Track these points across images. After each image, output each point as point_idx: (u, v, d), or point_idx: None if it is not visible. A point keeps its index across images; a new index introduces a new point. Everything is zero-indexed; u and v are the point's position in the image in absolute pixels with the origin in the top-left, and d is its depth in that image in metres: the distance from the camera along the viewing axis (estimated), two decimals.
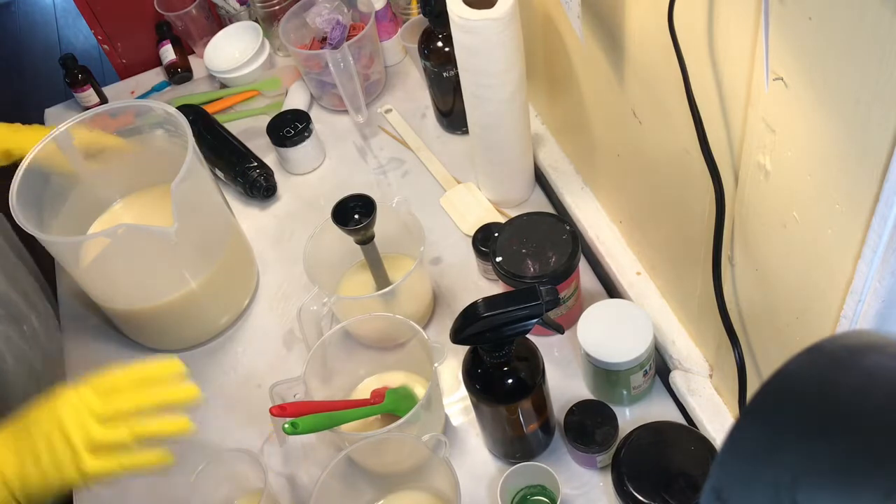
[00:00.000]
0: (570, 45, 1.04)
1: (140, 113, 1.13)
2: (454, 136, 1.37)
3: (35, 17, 3.44)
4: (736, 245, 0.78)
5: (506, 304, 0.81)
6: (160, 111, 1.10)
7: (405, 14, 1.45)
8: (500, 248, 1.02)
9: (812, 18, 0.53)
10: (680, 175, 0.85)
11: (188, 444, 1.09)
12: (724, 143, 0.73)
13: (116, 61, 1.66)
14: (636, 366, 0.94)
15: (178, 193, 0.99)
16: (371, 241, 1.05)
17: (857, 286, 0.61)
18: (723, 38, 0.66)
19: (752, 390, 0.66)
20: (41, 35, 3.34)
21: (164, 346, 1.19)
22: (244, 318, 1.21)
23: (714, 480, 0.38)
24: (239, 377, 1.15)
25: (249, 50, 1.50)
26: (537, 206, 1.24)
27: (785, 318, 0.74)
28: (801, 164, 0.62)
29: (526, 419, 0.93)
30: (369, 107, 1.43)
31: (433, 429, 0.98)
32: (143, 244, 1.01)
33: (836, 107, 0.55)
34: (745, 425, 0.39)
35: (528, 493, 0.95)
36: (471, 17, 0.99)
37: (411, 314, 1.08)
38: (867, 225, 0.56)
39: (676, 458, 0.87)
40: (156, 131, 1.14)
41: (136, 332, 1.19)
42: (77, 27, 3.27)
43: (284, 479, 1.04)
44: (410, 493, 0.98)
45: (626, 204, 1.08)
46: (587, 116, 1.08)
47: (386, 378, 1.07)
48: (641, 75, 0.86)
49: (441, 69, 1.26)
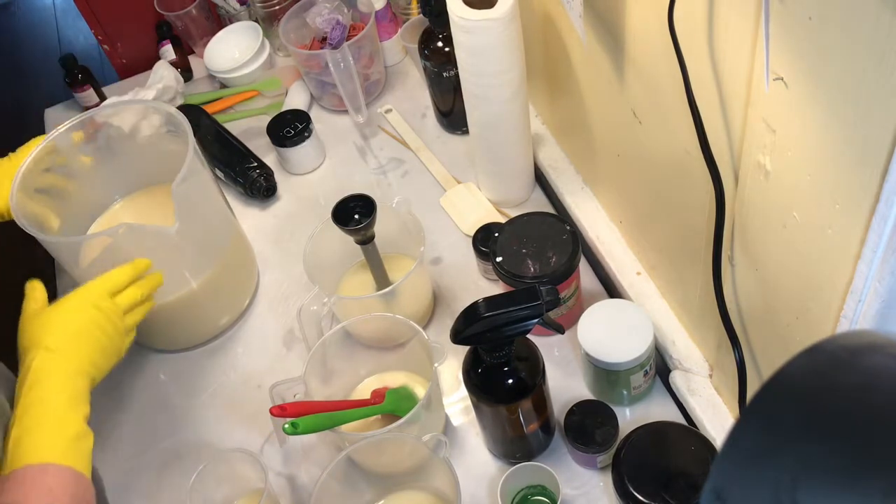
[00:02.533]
0: (571, 45, 1.04)
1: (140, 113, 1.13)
2: (454, 136, 1.37)
3: (35, 17, 3.44)
4: (736, 245, 0.78)
5: (506, 304, 0.81)
6: (161, 111, 1.10)
7: (405, 14, 1.45)
8: (501, 248, 1.02)
9: (812, 18, 0.53)
10: (680, 175, 0.85)
11: (188, 444, 1.09)
12: (724, 143, 0.73)
13: (116, 61, 1.66)
14: (636, 366, 0.94)
15: (179, 193, 0.99)
16: (371, 241, 1.05)
17: (857, 286, 0.61)
18: (723, 39, 0.66)
19: (752, 390, 0.66)
20: (41, 35, 3.34)
21: (165, 346, 1.19)
22: (244, 318, 1.21)
23: (714, 480, 0.38)
24: (239, 377, 1.15)
25: (249, 50, 1.50)
26: (537, 206, 1.24)
27: (785, 318, 0.74)
28: (801, 164, 0.62)
29: (526, 419, 0.93)
30: (369, 107, 1.43)
31: (433, 429, 0.98)
32: (143, 244, 1.01)
33: (836, 107, 0.55)
34: (745, 425, 0.39)
35: (528, 493, 0.95)
36: (471, 17, 0.99)
37: (411, 314, 1.08)
38: (867, 225, 0.56)
39: (676, 458, 0.87)
40: (157, 131, 1.14)
41: (137, 333, 1.19)
42: (77, 27, 3.26)
43: (284, 479, 1.04)
44: (410, 493, 0.98)
45: (626, 204, 1.08)
46: (587, 116, 1.08)
47: (386, 378, 1.07)
48: (642, 75, 0.86)
49: (441, 69, 1.26)
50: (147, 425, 1.13)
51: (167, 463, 1.08)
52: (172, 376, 1.17)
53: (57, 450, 0.76)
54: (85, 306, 0.88)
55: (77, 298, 0.89)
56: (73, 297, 0.89)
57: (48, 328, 0.85)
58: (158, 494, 1.06)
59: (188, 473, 0.94)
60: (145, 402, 1.15)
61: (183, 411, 1.13)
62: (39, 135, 1.09)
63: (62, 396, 0.80)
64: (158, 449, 1.10)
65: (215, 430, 1.10)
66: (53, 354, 0.83)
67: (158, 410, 1.14)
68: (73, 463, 0.77)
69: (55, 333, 0.85)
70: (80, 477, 0.77)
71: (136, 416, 1.14)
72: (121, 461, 1.09)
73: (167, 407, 1.14)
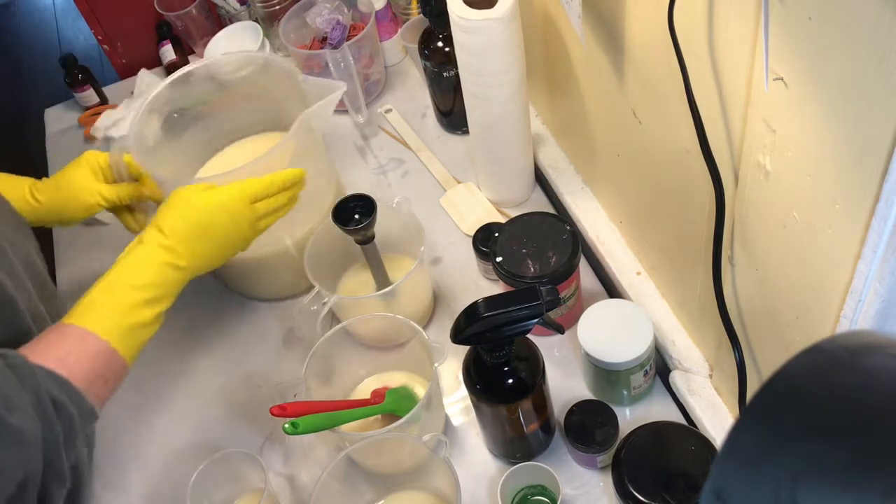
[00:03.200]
0: (571, 45, 1.04)
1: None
2: (454, 136, 1.37)
3: (35, 17, 3.44)
4: (736, 245, 0.78)
5: (506, 304, 0.81)
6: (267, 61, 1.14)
7: (405, 14, 1.45)
8: (501, 248, 1.02)
9: (812, 18, 0.53)
10: (680, 175, 0.85)
11: (188, 444, 1.09)
12: (724, 143, 0.73)
13: (116, 61, 1.66)
14: (636, 366, 0.94)
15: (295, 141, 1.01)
16: (371, 241, 1.05)
17: (857, 286, 0.61)
18: (723, 38, 0.66)
19: (752, 390, 0.66)
20: (41, 35, 3.34)
21: (255, 295, 1.22)
22: (245, 318, 1.21)
23: (714, 480, 0.38)
24: (239, 377, 1.15)
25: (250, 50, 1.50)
26: (537, 206, 1.24)
27: (785, 318, 0.74)
28: (801, 164, 0.62)
29: (526, 419, 0.93)
30: (369, 107, 1.43)
31: (433, 429, 0.98)
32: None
33: (836, 107, 0.55)
34: (745, 425, 0.39)
35: (528, 493, 0.95)
36: (471, 17, 0.99)
37: (411, 314, 1.08)
38: (867, 225, 0.56)
39: (676, 458, 0.87)
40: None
41: (229, 279, 1.23)
42: (77, 27, 3.27)
43: (284, 479, 1.04)
44: (410, 493, 0.98)
45: (626, 204, 1.08)
46: (587, 116, 1.08)
47: (386, 378, 1.07)
48: (641, 75, 0.86)
49: (441, 69, 1.26)
50: (147, 425, 1.13)
51: (167, 463, 1.08)
52: (172, 376, 1.17)
53: (107, 326, 0.80)
54: (219, 210, 0.89)
55: (218, 197, 0.90)
56: (217, 194, 0.90)
57: (175, 211, 0.88)
58: (159, 494, 1.06)
59: (188, 473, 0.94)
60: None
61: (183, 411, 1.13)
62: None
63: (143, 281, 0.83)
64: (158, 449, 1.10)
65: (215, 429, 1.10)
66: (161, 238, 0.86)
67: (158, 411, 1.14)
68: (116, 343, 0.79)
69: (177, 219, 0.87)
70: (114, 356, 0.79)
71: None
72: (121, 461, 1.10)
73: (167, 407, 1.14)
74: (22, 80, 3.16)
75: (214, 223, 0.89)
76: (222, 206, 0.90)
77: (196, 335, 1.20)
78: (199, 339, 1.20)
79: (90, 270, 1.31)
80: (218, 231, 0.89)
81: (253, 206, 0.92)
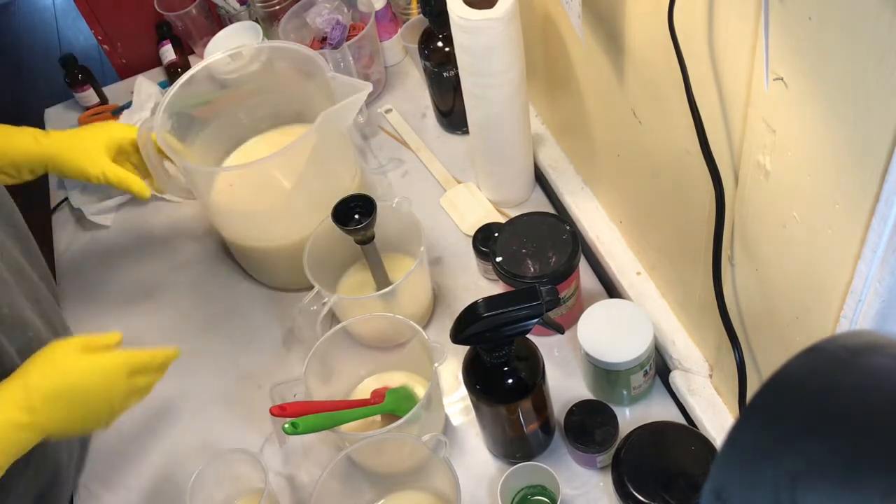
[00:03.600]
0: (570, 45, 1.04)
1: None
2: (454, 136, 1.37)
3: (35, 17, 3.44)
4: (736, 245, 0.78)
5: (506, 304, 0.81)
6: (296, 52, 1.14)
7: (405, 14, 1.45)
8: (500, 248, 1.02)
9: (812, 18, 0.53)
10: (680, 175, 0.85)
11: (188, 444, 1.09)
12: (724, 143, 0.73)
13: (116, 61, 1.66)
14: (636, 366, 0.94)
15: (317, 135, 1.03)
16: (371, 241, 1.05)
17: (857, 286, 0.61)
18: (723, 38, 0.66)
19: (752, 390, 0.66)
20: (41, 35, 3.34)
21: (275, 284, 1.23)
22: (245, 318, 1.21)
23: (714, 480, 0.38)
24: (239, 377, 1.15)
25: None
26: (537, 206, 1.24)
27: (785, 318, 0.74)
28: (801, 164, 0.62)
29: (526, 419, 0.93)
30: (369, 107, 1.43)
31: (433, 429, 0.98)
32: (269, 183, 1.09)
33: (836, 107, 0.55)
34: (745, 425, 0.39)
35: (528, 493, 0.95)
36: (471, 17, 0.99)
37: (411, 314, 1.08)
38: (867, 225, 0.56)
39: (676, 458, 0.87)
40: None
41: (251, 267, 1.25)
42: (77, 27, 3.26)
43: (284, 479, 1.04)
44: (410, 493, 0.98)
45: (626, 204, 1.08)
46: (587, 116, 1.08)
47: (386, 378, 1.07)
48: (641, 75, 0.86)
49: (441, 69, 1.26)
50: (147, 426, 1.12)
51: (167, 463, 1.08)
52: (172, 376, 1.17)
53: None
54: (97, 377, 0.83)
55: (99, 362, 0.84)
56: (99, 360, 0.84)
57: (49, 368, 0.82)
58: (159, 494, 1.06)
59: (188, 473, 0.94)
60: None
61: (183, 411, 1.13)
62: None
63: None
64: (159, 449, 1.10)
65: (215, 430, 1.10)
66: (21, 396, 0.79)
67: (158, 411, 1.14)
68: None
69: (46, 378, 0.81)
70: None
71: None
72: (121, 461, 1.10)
73: (167, 407, 1.14)
74: (22, 80, 3.16)
75: (89, 389, 0.83)
76: (103, 373, 0.84)
77: (196, 335, 1.20)
78: (198, 339, 1.20)
79: (90, 272, 1.31)
80: (91, 398, 0.83)
81: (130, 378, 0.86)
